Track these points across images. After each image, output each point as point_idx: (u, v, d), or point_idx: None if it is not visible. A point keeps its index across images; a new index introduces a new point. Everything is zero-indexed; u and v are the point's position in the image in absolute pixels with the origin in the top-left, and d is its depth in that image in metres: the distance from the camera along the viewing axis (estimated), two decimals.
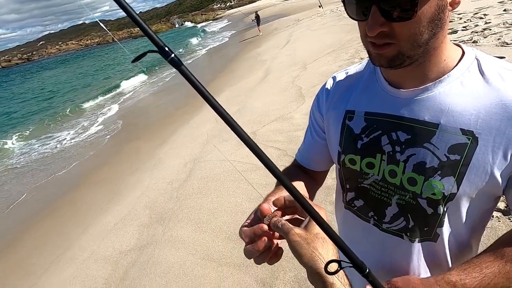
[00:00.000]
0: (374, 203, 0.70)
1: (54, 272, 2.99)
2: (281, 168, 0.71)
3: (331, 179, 2.89)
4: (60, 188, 5.07)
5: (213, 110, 0.32)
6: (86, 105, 11.32)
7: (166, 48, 0.28)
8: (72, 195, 4.65)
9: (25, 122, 11.35)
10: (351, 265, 0.40)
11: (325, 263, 0.41)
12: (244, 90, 7.01)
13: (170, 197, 3.51)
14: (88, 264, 2.87)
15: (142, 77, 13.58)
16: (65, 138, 7.94)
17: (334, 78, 0.78)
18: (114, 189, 4.34)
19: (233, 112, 5.73)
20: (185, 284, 2.25)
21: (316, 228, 0.47)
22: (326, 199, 2.65)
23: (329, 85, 0.78)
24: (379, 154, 0.66)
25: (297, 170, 0.85)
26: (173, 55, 0.28)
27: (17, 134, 9.40)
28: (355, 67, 0.76)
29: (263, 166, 0.35)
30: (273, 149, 3.81)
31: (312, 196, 0.79)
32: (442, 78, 0.58)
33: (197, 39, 26.09)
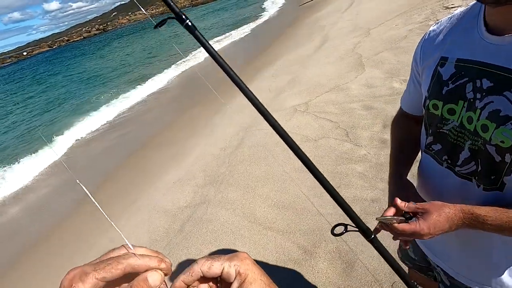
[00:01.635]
0: (449, 147, 0.73)
1: (126, 217, 3.51)
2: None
3: (385, 155, 2.73)
4: (132, 145, 5.75)
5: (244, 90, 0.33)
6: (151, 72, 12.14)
7: (183, 16, 0.30)
8: (142, 153, 5.25)
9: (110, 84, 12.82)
10: (356, 229, 0.42)
11: None
12: (300, 59, 6.76)
13: (223, 162, 3.73)
14: (152, 214, 3.29)
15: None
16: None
17: (437, 23, 0.80)
18: (174, 151, 4.76)
19: (286, 81, 5.62)
20: (232, 242, 2.46)
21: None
22: (378, 176, 2.54)
23: (430, 31, 0.80)
24: (461, 101, 0.68)
25: (405, 120, 0.95)
26: (188, 21, 0.31)
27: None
28: (460, 12, 0.74)
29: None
30: (325, 120, 3.70)
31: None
32: None
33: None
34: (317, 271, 1.94)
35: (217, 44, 12.92)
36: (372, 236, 0.44)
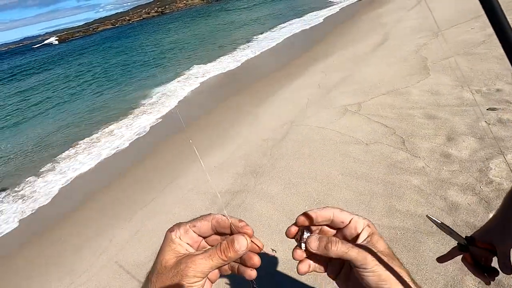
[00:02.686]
0: None
1: (168, 192, 3.65)
2: None
3: (448, 171, 2.46)
4: (177, 125, 5.96)
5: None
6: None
7: None
8: (186, 133, 5.41)
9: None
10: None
11: None
12: (355, 56, 6.40)
13: (264, 154, 3.68)
14: (191, 195, 3.37)
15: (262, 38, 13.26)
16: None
17: None
18: (217, 135, 4.82)
19: (338, 78, 5.37)
20: (269, 235, 2.41)
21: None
22: (437, 193, 2.30)
23: None
24: None
25: None
26: None
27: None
28: None
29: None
30: (379, 125, 3.45)
31: None
32: None
33: None
34: None
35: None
36: None
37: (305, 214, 0.40)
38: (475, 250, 0.65)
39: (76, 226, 3.80)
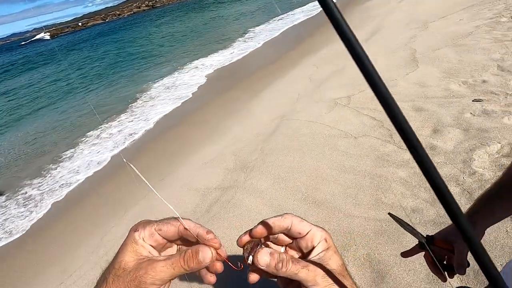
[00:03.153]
0: None
1: (157, 189, 3.64)
2: None
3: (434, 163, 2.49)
4: (171, 121, 5.92)
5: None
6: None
7: None
8: (179, 128, 5.39)
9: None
10: None
11: None
12: (344, 50, 6.38)
13: (255, 149, 3.69)
14: (182, 191, 3.37)
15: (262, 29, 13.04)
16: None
17: None
18: (208, 131, 4.80)
19: (329, 72, 5.37)
20: None
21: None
22: (422, 184, 2.34)
23: None
24: None
25: None
26: None
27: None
28: None
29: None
30: (368, 117, 3.48)
31: None
32: None
33: None
34: None
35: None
36: None
37: (264, 224, 0.38)
38: (435, 249, 0.68)
39: (69, 225, 3.78)
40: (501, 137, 2.47)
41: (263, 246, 0.37)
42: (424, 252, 0.72)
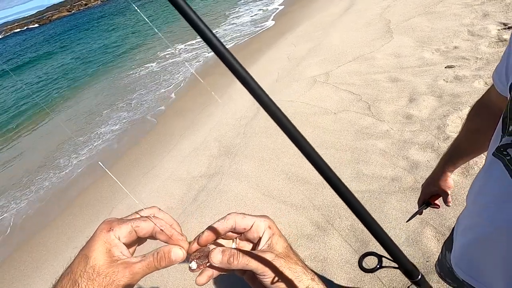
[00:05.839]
0: None
1: (144, 184, 3.61)
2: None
3: (409, 131, 2.56)
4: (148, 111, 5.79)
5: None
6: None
7: None
8: (160, 120, 5.29)
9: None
10: (396, 266, 0.33)
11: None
12: (323, 24, 6.33)
13: (238, 133, 3.68)
14: (168, 183, 3.36)
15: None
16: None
17: None
18: (191, 119, 4.74)
19: (307, 49, 5.33)
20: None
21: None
22: (400, 153, 2.41)
23: None
24: None
25: (489, 106, 0.81)
26: None
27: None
28: None
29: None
30: (346, 92, 3.51)
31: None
32: None
33: None
34: (330, 247, 1.92)
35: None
36: (419, 277, 0.32)
37: (209, 229, 0.39)
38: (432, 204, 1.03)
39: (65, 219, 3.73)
40: (472, 101, 2.55)
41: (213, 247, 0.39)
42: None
